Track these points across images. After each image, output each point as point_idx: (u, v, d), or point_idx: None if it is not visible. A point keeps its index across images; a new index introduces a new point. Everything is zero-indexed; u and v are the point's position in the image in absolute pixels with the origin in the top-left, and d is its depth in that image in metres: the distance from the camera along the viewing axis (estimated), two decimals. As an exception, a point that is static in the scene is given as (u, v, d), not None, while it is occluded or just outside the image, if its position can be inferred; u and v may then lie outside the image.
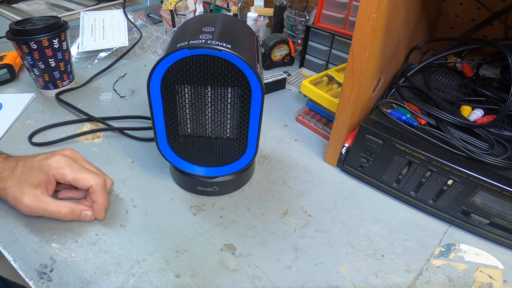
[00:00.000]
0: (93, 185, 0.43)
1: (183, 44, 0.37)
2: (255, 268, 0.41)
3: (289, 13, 0.82)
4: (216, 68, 0.38)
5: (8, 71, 0.73)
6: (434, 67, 0.61)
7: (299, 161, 0.57)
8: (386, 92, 0.57)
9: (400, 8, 0.47)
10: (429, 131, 0.47)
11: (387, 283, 0.40)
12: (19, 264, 0.40)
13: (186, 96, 0.41)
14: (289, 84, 0.77)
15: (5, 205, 0.46)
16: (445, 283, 0.41)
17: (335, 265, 0.42)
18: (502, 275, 0.42)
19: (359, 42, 0.43)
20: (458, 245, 0.45)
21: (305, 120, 0.65)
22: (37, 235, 0.43)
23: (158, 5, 1.02)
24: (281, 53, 0.81)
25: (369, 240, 0.45)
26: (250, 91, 0.39)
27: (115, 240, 0.43)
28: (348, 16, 0.71)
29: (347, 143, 0.52)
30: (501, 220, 0.43)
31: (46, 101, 0.68)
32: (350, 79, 0.46)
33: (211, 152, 0.46)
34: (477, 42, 0.58)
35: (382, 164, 0.49)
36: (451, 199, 0.45)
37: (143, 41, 0.88)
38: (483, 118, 0.48)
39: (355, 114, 0.50)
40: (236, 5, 0.89)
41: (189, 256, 0.42)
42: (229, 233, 0.45)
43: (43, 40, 0.62)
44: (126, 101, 0.70)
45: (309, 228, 0.46)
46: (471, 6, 0.67)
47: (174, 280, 0.39)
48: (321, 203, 0.50)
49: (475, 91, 0.54)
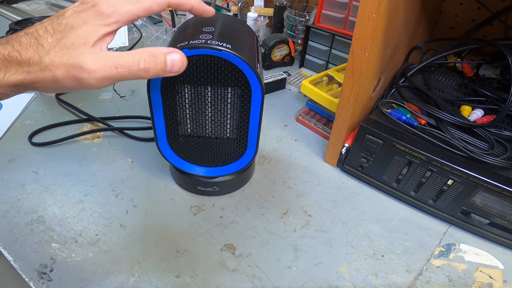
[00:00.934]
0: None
1: (183, 44, 0.37)
2: (255, 268, 0.41)
3: (289, 13, 0.82)
4: (216, 68, 0.38)
5: (8, 71, 0.73)
6: (434, 67, 0.61)
7: (299, 161, 0.57)
8: (386, 92, 0.57)
9: (400, 8, 0.47)
10: (429, 131, 0.47)
11: (387, 283, 0.40)
12: (19, 264, 0.40)
13: (186, 96, 0.41)
14: (289, 84, 0.77)
15: (5, 205, 0.46)
16: (445, 283, 0.41)
17: (335, 265, 0.42)
18: (502, 275, 0.42)
19: (359, 42, 0.43)
20: (458, 245, 0.45)
21: (305, 120, 0.65)
22: (37, 235, 0.43)
23: (158, 5, 1.02)
24: (281, 53, 0.81)
25: (369, 240, 0.45)
26: (250, 91, 0.39)
27: (115, 240, 0.43)
28: (348, 16, 0.70)
29: (347, 143, 0.52)
30: (501, 220, 0.43)
31: (46, 101, 0.68)
32: (350, 79, 0.46)
33: (211, 152, 0.46)
34: (477, 42, 0.58)
35: (382, 164, 0.49)
36: (451, 199, 0.45)
37: (143, 41, 0.88)
38: (483, 118, 0.48)
39: (355, 114, 0.50)
40: (236, 5, 0.89)
41: (189, 256, 0.42)
42: (229, 233, 0.45)
43: (43, 40, 0.62)
44: (126, 101, 0.70)
45: (309, 228, 0.46)
46: (471, 6, 0.67)
47: (174, 280, 0.39)
48: (321, 203, 0.50)
49: (475, 91, 0.54)
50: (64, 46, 0.28)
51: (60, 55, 0.28)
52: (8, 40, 0.28)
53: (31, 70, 0.28)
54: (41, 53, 0.28)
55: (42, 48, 0.28)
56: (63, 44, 0.28)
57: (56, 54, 0.28)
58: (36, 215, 0.45)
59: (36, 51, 0.28)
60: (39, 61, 0.27)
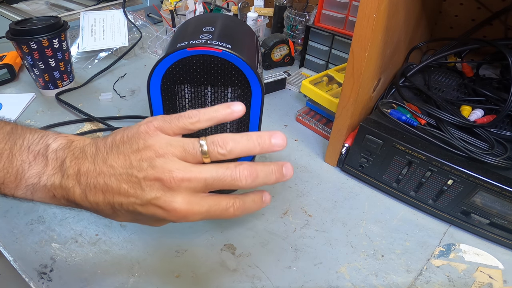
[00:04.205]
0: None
1: (183, 44, 0.37)
2: (255, 268, 0.41)
3: (289, 13, 0.82)
4: (216, 68, 0.38)
5: (8, 71, 0.73)
6: (434, 67, 0.61)
7: (299, 161, 0.57)
8: (386, 92, 0.57)
9: (400, 8, 0.47)
10: (429, 131, 0.47)
11: (387, 283, 0.40)
12: (19, 264, 0.40)
13: (186, 96, 0.41)
14: (289, 84, 0.77)
15: (5, 205, 0.46)
16: (445, 283, 0.41)
17: (335, 265, 0.42)
18: (502, 275, 0.42)
19: (359, 42, 0.43)
20: (458, 245, 0.45)
21: (305, 120, 0.65)
22: (37, 235, 0.43)
23: (158, 5, 1.02)
24: (281, 53, 0.81)
25: (369, 240, 0.45)
26: (250, 91, 0.39)
27: (115, 240, 0.43)
28: (348, 16, 0.70)
29: (347, 143, 0.52)
30: (501, 220, 0.43)
31: (46, 101, 0.68)
32: (350, 79, 0.46)
33: (211, 152, 0.46)
34: (477, 42, 0.58)
35: (382, 164, 0.49)
36: (451, 199, 0.45)
37: (143, 41, 0.88)
38: (483, 118, 0.48)
39: (355, 114, 0.50)
40: (236, 5, 0.89)
41: (189, 256, 0.42)
42: (229, 233, 0.45)
43: (43, 40, 0.62)
44: (126, 101, 0.70)
45: (309, 228, 0.46)
46: (471, 6, 0.67)
47: (174, 280, 0.39)
48: (321, 203, 0.50)
49: (475, 91, 0.54)
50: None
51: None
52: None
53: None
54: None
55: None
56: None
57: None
58: (36, 215, 0.45)
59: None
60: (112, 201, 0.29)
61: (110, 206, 0.29)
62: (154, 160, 0.28)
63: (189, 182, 0.28)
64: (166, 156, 0.28)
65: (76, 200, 0.29)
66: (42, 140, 0.30)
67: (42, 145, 0.30)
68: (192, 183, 0.28)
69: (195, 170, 0.28)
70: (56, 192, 0.29)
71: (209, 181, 0.29)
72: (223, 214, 0.30)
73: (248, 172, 0.29)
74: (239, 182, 0.29)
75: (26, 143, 0.30)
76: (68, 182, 0.29)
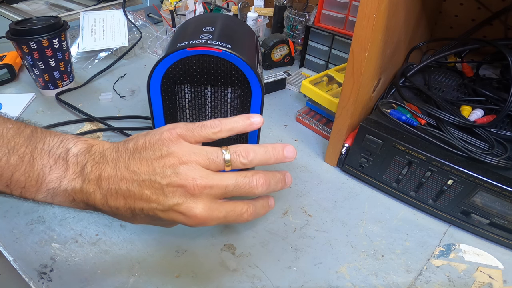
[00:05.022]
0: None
1: (183, 44, 0.37)
2: (255, 268, 0.41)
3: (289, 13, 0.82)
4: (216, 68, 0.38)
5: (8, 71, 0.73)
6: (434, 67, 0.61)
7: (299, 161, 0.57)
8: (386, 92, 0.57)
9: (400, 8, 0.47)
10: (429, 131, 0.47)
11: (387, 283, 0.40)
12: (19, 264, 0.40)
13: (186, 96, 0.41)
14: (289, 84, 0.77)
15: (5, 205, 0.46)
16: (445, 283, 0.41)
17: (335, 265, 0.42)
18: (502, 275, 0.42)
19: (359, 42, 0.43)
20: (458, 245, 0.45)
21: (305, 120, 0.65)
22: (37, 235, 0.43)
23: (158, 5, 1.02)
24: (281, 53, 0.81)
25: (369, 240, 0.45)
26: (250, 91, 0.39)
27: (115, 240, 0.43)
28: (348, 16, 0.70)
29: (347, 143, 0.52)
30: (501, 220, 0.43)
31: (46, 101, 0.68)
32: (350, 79, 0.46)
33: (211, 152, 0.46)
34: (477, 42, 0.58)
35: (382, 164, 0.49)
36: (451, 199, 0.45)
37: (143, 41, 0.88)
38: (483, 118, 0.48)
39: (355, 114, 0.50)
40: (236, 5, 0.89)
41: (189, 256, 0.42)
42: (229, 233, 0.45)
43: (43, 40, 0.62)
44: (126, 101, 0.70)
45: (309, 228, 0.46)
46: (471, 6, 0.67)
47: (174, 280, 0.39)
48: (321, 203, 0.50)
49: (475, 91, 0.54)
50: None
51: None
52: None
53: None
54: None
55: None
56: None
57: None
58: (36, 215, 0.45)
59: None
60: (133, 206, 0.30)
61: (130, 211, 0.29)
62: (177, 167, 0.29)
63: (211, 189, 0.29)
64: (190, 164, 0.29)
65: (96, 204, 0.29)
66: (62, 144, 0.30)
67: (63, 149, 0.30)
68: (213, 190, 0.29)
69: (216, 178, 0.29)
70: (76, 196, 0.29)
71: (229, 189, 0.30)
72: (238, 219, 0.31)
73: (263, 180, 0.31)
74: (255, 189, 0.31)
75: (47, 147, 0.30)
76: (89, 187, 0.29)
